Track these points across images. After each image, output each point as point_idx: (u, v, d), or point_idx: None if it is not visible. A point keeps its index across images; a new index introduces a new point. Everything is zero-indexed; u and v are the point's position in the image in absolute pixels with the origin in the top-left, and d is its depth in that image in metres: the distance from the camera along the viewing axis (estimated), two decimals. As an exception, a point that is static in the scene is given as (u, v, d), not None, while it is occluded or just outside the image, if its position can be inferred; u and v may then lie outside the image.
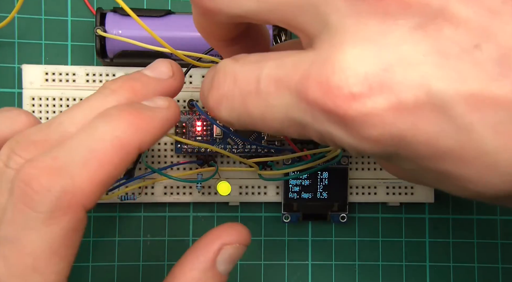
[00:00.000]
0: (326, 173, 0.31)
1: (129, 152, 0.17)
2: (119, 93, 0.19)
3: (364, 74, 0.14)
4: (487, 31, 0.13)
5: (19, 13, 0.31)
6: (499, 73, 0.13)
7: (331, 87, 0.14)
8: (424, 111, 0.14)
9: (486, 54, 0.13)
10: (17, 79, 0.31)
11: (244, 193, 0.31)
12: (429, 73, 0.13)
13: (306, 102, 0.15)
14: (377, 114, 0.14)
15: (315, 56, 0.15)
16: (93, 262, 0.31)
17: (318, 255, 0.32)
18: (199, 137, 0.30)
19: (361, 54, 0.14)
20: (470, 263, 0.33)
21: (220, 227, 0.21)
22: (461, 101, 0.13)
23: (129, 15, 0.28)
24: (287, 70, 0.16)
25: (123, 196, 0.29)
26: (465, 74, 0.13)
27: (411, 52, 0.14)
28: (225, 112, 0.18)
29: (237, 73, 0.17)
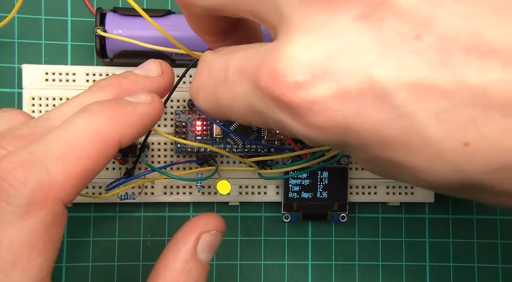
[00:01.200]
0: (326, 172, 0.31)
1: (108, 146, 0.18)
2: (107, 90, 0.20)
3: (308, 62, 0.14)
4: (428, 21, 0.13)
5: (19, 13, 0.31)
6: (440, 62, 0.13)
7: (277, 75, 0.15)
8: (367, 98, 0.14)
9: (427, 43, 0.13)
10: (17, 79, 0.31)
11: (244, 193, 0.31)
12: (372, 61, 0.14)
13: (260, 90, 0.15)
14: (321, 102, 0.14)
15: (270, 46, 0.16)
16: (93, 262, 0.31)
17: (318, 255, 0.32)
18: (199, 137, 0.30)
19: (306, 43, 0.14)
20: (470, 263, 0.33)
21: (194, 218, 0.21)
22: (402, 89, 0.13)
23: (129, 15, 0.29)
24: (249, 60, 0.16)
25: (123, 196, 0.29)
26: (407, 63, 0.13)
27: (354, 41, 0.14)
28: (202, 100, 0.19)
29: (212, 63, 0.18)
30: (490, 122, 0.13)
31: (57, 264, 0.30)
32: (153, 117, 0.20)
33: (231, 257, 0.32)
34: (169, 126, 0.30)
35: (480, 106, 0.13)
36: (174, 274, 0.20)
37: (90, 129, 0.17)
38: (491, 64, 0.13)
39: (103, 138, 0.17)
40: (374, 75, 0.14)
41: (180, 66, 0.30)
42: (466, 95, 0.13)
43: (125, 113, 0.18)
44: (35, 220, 0.16)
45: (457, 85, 0.13)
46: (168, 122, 0.30)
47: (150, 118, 0.20)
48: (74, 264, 0.31)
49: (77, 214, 0.31)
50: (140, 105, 0.19)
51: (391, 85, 0.13)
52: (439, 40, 0.13)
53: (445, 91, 0.13)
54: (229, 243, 0.32)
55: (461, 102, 0.13)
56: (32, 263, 0.16)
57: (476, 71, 0.13)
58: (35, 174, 0.16)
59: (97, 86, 0.20)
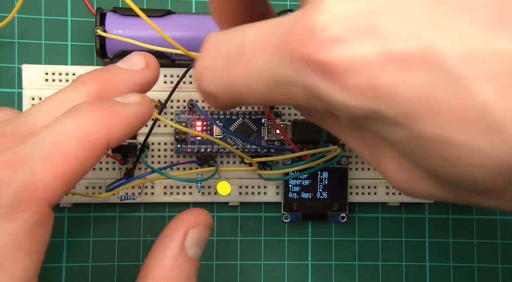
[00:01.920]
0: (326, 173, 0.31)
1: (96, 146, 0.17)
2: (90, 84, 0.19)
3: (350, 15, 0.13)
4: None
5: (19, 13, 0.31)
6: (499, 22, 0.12)
7: (315, 29, 0.13)
8: (415, 61, 0.12)
9: (484, 2, 0.12)
10: (17, 79, 0.31)
11: (244, 193, 0.31)
12: (422, 20, 0.12)
13: (289, 53, 0.14)
14: (363, 60, 0.13)
15: (299, 12, 0.14)
16: (93, 262, 0.31)
17: (318, 255, 0.32)
18: (199, 138, 0.30)
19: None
20: (470, 263, 0.33)
21: (180, 215, 0.21)
22: (455, 51, 0.12)
23: (129, 15, 0.29)
24: (271, 30, 0.15)
25: (123, 196, 0.29)
26: (461, 22, 0.12)
27: None
28: (209, 81, 0.17)
29: (220, 41, 0.17)
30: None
31: (57, 264, 0.30)
32: (143, 118, 0.19)
33: (231, 257, 0.32)
34: (169, 126, 0.30)
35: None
36: (164, 270, 0.20)
37: (78, 129, 0.17)
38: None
39: (90, 138, 0.17)
40: (423, 35, 0.12)
41: (180, 66, 0.30)
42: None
43: (114, 113, 0.18)
44: (20, 221, 0.16)
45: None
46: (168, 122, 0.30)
47: (140, 119, 0.19)
48: (74, 264, 0.31)
49: (77, 214, 0.31)
50: (129, 106, 0.19)
51: (442, 47, 0.12)
52: (497, 1, 0.12)
53: (503, 54, 0.12)
54: (229, 243, 0.32)
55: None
56: (18, 264, 0.16)
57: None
58: (19, 175, 0.16)
59: (79, 81, 0.20)
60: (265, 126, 0.30)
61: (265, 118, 0.30)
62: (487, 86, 0.12)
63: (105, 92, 0.19)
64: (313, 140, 0.30)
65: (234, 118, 0.30)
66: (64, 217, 0.31)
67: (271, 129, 0.30)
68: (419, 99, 0.12)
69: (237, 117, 0.30)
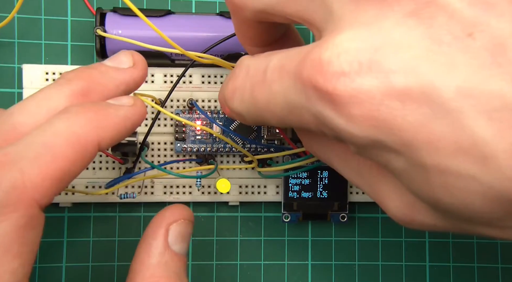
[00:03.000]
0: (326, 172, 0.31)
1: (87, 148, 0.17)
2: (75, 82, 0.19)
3: (355, 51, 0.14)
4: (481, 21, 0.13)
5: (19, 13, 0.31)
6: (492, 62, 0.13)
7: (322, 63, 0.14)
8: (414, 95, 0.13)
9: (479, 42, 0.13)
10: (17, 79, 0.31)
11: (244, 192, 0.31)
12: (421, 58, 0.13)
13: (301, 82, 0.15)
14: (366, 92, 0.14)
15: (314, 43, 0.15)
16: (93, 262, 0.31)
17: (318, 255, 0.32)
18: (199, 137, 0.30)
19: (354, 35, 0.14)
20: (470, 263, 0.33)
21: (160, 212, 0.21)
22: (452, 88, 0.13)
23: (129, 15, 0.29)
24: (290, 58, 0.16)
25: (122, 195, 0.29)
26: (457, 62, 0.13)
27: (404, 37, 0.14)
28: (237, 102, 0.18)
29: (250, 65, 0.18)
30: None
31: (57, 264, 0.30)
32: (135, 120, 0.19)
33: (231, 257, 0.32)
34: (169, 126, 0.30)
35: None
36: (151, 269, 0.20)
37: (68, 130, 0.17)
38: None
39: (81, 139, 0.17)
40: (422, 72, 0.13)
41: (179, 66, 0.30)
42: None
43: (106, 115, 0.18)
44: (8, 223, 0.16)
45: (510, 84, 0.12)
46: (168, 122, 0.30)
47: (132, 121, 0.19)
48: (74, 264, 0.31)
49: (77, 214, 0.31)
50: (121, 108, 0.19)
51: (439, 84, 0.13)
52: (492, 40, 0.13)
53: (495, 91, 0.13)
54: (229, 243, 0.32)
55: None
56: (5, 267, 0.16)
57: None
58: (8, 176, 0.16)
59: (64, 78, 0.19)
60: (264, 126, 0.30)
61: (265, 117, 0.30)
62: (479, 119, 0.13)
63: (91, 90, 0.19)
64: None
65: (234, 118, 0.30)
66: (64, 217, 0.31)
67: (270, 129, 0.30)
68: (417, 130, 0.13)
69: (237, 116, 0.30)
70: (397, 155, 0.14)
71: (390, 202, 0.18)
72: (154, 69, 0.30)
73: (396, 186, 0.17)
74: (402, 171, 0.15)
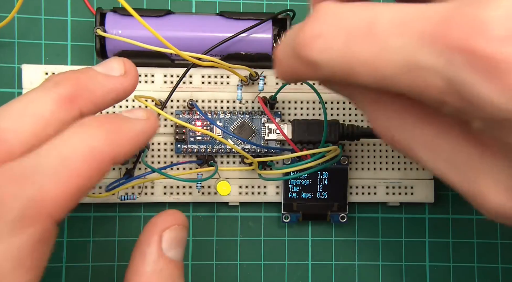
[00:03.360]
0: (326, 173, 0.31)
1: (103, 163, 0.17)
2: (63, 86, 0.18)
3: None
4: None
5: (19, 13, 0.31)
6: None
7: (486, 24, 0.13)
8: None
9: None
10: (17, 79, 0.31)
11: (244, 193, 0.31)
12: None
13: (445, 44, 0.14)
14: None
15: (458, 2, 0.14)
16: (93, 262, 0.31)
17: (318, 255, 0.32)
18: (199, 137, 0.30)
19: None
20: (470, 263, 0.33)
21: (152, 219, 0.21)
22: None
23: (129, 15, 0.28)
24: (415, 15, 0.15)
25: (123, 196, 0.29)
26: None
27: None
28: (318, 51, 0.16)
29: (343, 14, 0.16)
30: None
31: (57, 264, 0.30)
32: (149, 134, 0.19)
33: (231, 257, 0.32)
34: (169, 126, 0.30)
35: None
36: (145, 277, 0.19)
37: (85, 144, 0.17)
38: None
39: (97, 154, 0.17)
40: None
41: (179, 66, 0.30)
42: None
43: (121, 129, 0.18)
44: (24, 236, 0.15)
45: None
46: (168, 122, 0.30)
47: (146, 135, 0.19)
48: (74, 264, 0.31)
49: (77, 214, 0.31)
50: (136, 122, 0.19)
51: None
52: None
53: None
54: (229, 243, 0.32)
55: None
56: (17, 280, 0.16)
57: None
58: (27, 190, 0.15)
59: (52, 81, 0.18)
60: (265, 126, 0.30)
61: (265, 118, 0.30)
62: None
63: (78, 96, 0.18)
64: (313, 140, 0.30)
65: (234, 118, 0.30)
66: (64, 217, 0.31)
67: (271, 129, 0.30)
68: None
69: (237, 117, 0.30)
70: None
71: (494, 194, 0.16)
72: (154, 69, 0.30)
73: (506, 175, 0.16)
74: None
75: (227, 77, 0.30)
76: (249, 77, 0.30)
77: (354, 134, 0.30)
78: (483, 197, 0.16)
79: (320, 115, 0.31)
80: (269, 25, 0.30)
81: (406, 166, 0.32)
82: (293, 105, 0.31)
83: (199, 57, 0.27)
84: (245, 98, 0.30)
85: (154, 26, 0.26)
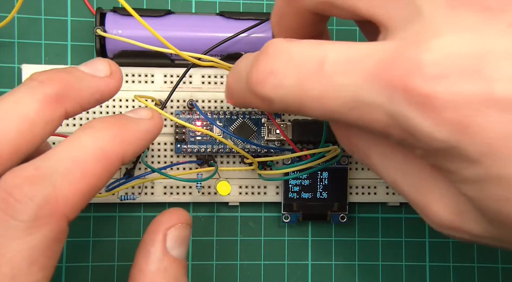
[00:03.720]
0: (326, 173, 0.31)
1: (113, 163, 0.18)
2: (48, 85, 0.18)
3: (459, 56, 0.14)
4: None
5: (18, 13, 0.31)
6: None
7: (422, 64, 0.14)
8: None
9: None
10: (17, 79, 0.31)
11: (244, 193, 0.31)
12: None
13: (385, 83, 0.15)
14: (464, 97, 0.13)
15: (401, 41, 0.15)
16: (93, 262, 0.31)
17: (318, 255, 0.32)
18: (199, 137, 0.30)
19: (458, 40, 0.14)
20: (470, 263, 0.33)
21: (156, 218, 0.21)
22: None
23: (129, 15, 0.28)
24: (359, 54, 0.16)
25: (123, 196, 0.29)
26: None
27: (509, 46, 0.13)
28: (270, 88, 0.17)
29: (293, 52, 0.17)
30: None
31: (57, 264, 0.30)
32: (154, 133, 0.20)
33: (231, 257, 0.32)
34: (169, 126, 0.30)
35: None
36: (150, 276, 0.20)
37: (95, 146, 0.17)
38: None
39: (107, 155, 0.17)
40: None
41: (179, 66, 0.30)
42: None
43: (128, 130, 0.18)
44: (39, 235, 0.16)
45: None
46: (168, 122, 0.30)
47: (151, 135, 0.19)
48: (74, 264, 0.31)
49: (77, 214, 0.31)
50: (142, 122, 0.19)
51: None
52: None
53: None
54: (229, 243, 0.32)
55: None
56: (31, 278, 0.16)
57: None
58: (42, 190, 0.16)
59: (36, 80, 0.18)
60: (265, 126, 0.30)
61: (265, 118, 0.30)
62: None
63: (64, 96, 0.18)
64: (313, 140, 0.30)
65: (234, 118, 0.30)
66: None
67: (271, 129, 0.30)
68: (507, 141, 0.13)
69: (237, 117, 0.30)
70: (471, 164, 0.14)
71: (437, 207, 0.17)
72: (154, 69, 0.30)
73: (449, 192, 0.17)
74: (469, 180, 0.15)
75: (227, 77, 0.30)
76: (249, 77, 0.30)
77: (354, 134, 0.30)
78: (427, 208, 0.18)
79: (320, 115, 0.31)
80: (269, 25, 0.30)
81: (406, 166, 0.32)
82: (293, 105, 0.31)
83: (199, 57, 0.27)
84: (245, 98, 0.30)
85: (154, 26, 0.26)
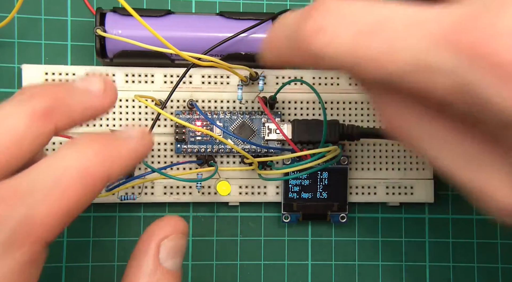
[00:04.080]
0: (326, 173, 0.31)
1: (96, 183, 0.17)
2: (38, 99, 0.17)
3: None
4: None
5: (18, 13, 0.31)
6: None
7: (502, 32, 0.13)
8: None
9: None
10: (17, 79, 0.31)
11: (244, 193, 0.31)
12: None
13: (458, 48, 0.14)
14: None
15: (474, 5, 0.14)
16: (93, 262, 0.31)
17: (318, 255, 0.32)
18: (199, 137, 0.30)
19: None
20: (470, 263, 0.33)
21: (150, 226, 0.20)
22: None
23: (129, 15, 0.28)
24: (429, 17, 0.15)
25: (123, 196, 0.29)
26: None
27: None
28: (320, 44, 0.16)
29: (344, 9, 0.16)
30: None
31: (57, 264, 0.30)
32: (143, 153, 0.19)
33: (231, 257, 0.32)
34: (169, 126, 0.30)
35: None
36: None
37: (78, 164, 0.16)
38: None
39: (91, 174, 0.16)
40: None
41: (179, 66, 0.30)
42: None
43: (115, 148, 0.17)
44: (13, 259, 0.15)
45: None
46: (168, 122, 0.30)
47: (140, 154, 0.18)
48: (74, 264, 0.31)
49: (77, 214, 0.31)
50: (130, 141, 0.18)
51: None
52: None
53: None
54: (229, 243, 0.32)
55: None
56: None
57: None
58: (18, 211, 0.15)
59: (27, 94, 0.17)
60: (265, 126, 0.30)
61: (265, 118, 0.30)
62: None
63: (54, 111, 0.18)
64: (313, 140, 0.30)
65: (234, 118, 0.30)
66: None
67: (271, 129, 0.30)
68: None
69: (237, 117, 0.30)
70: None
71: (505, 192, 0.16)
72: (154, 69, 0.30)
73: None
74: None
75: (227, 77, 0.30)
76: (249, 77, 0.30)
77: (354, 134, 0.30)
78: (492, 195, 0.16)
79: (320, 115, 0.31)
80: (269, 25, 0.30)
81: (406, 166, 0.32)
82: (293, 105, 0.31)
83: (199, 57, 0.27)
84: (245, 98, 0.30)
85: (154, 26, 0.26)
